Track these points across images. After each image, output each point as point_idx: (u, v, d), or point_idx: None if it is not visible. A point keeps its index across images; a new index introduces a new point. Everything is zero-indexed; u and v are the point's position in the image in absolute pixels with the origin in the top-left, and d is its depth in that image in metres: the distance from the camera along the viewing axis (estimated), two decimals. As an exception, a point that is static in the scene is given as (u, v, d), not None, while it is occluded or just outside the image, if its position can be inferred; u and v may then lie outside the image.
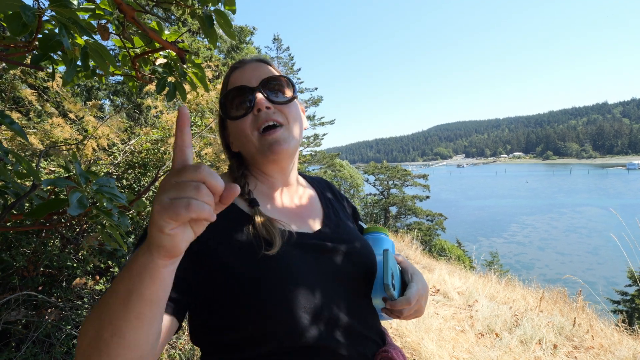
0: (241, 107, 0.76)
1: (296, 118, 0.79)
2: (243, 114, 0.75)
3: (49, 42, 0.87)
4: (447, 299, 4.72)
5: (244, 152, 0.81)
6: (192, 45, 6.92)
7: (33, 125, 2.80)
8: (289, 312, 0.62)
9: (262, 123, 0.74)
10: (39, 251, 1.94)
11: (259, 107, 0.74)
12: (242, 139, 0.77)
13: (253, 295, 0.62)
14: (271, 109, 0.75)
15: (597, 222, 39.11)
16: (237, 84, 0.78)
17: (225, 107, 0.78)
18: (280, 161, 0.77)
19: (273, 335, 0.62)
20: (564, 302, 4.61)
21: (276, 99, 0.76)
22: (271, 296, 0.62)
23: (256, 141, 0.75)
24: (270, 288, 0.63)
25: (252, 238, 0.67)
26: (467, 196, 72.10)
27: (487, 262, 18.66)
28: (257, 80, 0.77)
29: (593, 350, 3.11)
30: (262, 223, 0.68)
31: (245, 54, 12.73)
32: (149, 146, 2.90)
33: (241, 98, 0.76)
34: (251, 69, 0.79)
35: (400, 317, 0.74)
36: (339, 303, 0.69)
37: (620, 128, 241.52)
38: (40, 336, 1.83)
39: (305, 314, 0.63)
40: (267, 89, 0.76)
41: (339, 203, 0.95)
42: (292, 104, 0.79)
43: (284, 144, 0.74)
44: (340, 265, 0.73)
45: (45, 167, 2.33)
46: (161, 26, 1.39)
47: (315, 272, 0.68)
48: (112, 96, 8.30)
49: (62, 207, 0.90)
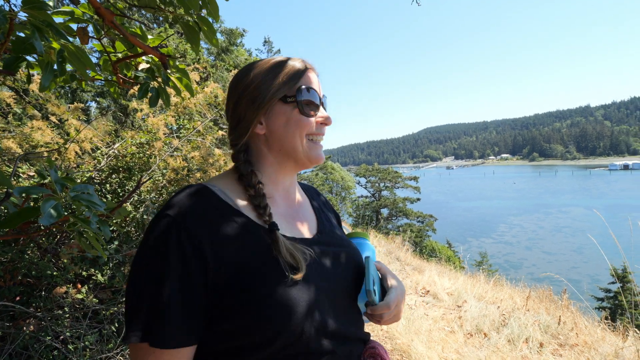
0: (313, 108, 0.77)
1: None
2: (311, 115, 0.77)
3: (22, 45, 0.84)
4: (437, 300, 4.75)
5: (278, 140, 0.76)
6: (179, 47, 6.84)
7: (12, 128, 2.73)
8: (295, 317, 0.63)
9: (318, 134, 0.79)
10: (17, 260, 1.87)
11: (326, 121, 0.79)
12: (295, 131, 0.75)
13: (264, 303, 0.62)
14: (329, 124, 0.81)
15: (582, 222, 39.98)
16: (313, 84, 0.78)
17: (301, 96, 0.75)
18: (307, 167, 0.81)
19: (278, 339, 0.63)
20: (550, 301, 4.70)
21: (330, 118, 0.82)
22: (282, 303, 0.63)
23: (305, 144, 0.76)
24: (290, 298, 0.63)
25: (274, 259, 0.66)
26: (456, 197, 72.94)
27: (477, 262, 18.89)
28: (321, 92, 0.80)
29: (577, 347, 3.16)
30: (287, 249, 0.67)
31: (235, 57, 12.66)
32: (134, 150, 2.85)
33: (314, 100, 0.77)
34: (317, 76, 0.82)
35: (380, 322, 0.77)
36: (337, 306, 0.72)
37: (602, 130, 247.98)
38: (18, 348, 1.77)
39: (309, 317, 0.65)
40: (325, 105, 0.82)
41: (328, 210, 0.97)
42: None
43: (322, 157, 0.80)
44: (337, 270, 0.76)
45: (24, 172, 2.27)
46: (144, 31, 1.37)
47: (317, 277, 0.70)
48: (97, 98, 8.15)
49: (36, 216, 0.87)
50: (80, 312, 2.06)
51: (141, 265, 0.62)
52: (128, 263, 2.37)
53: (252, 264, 0.64)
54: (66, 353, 1.87)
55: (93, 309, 2.10)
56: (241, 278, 0.63)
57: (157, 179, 2.88)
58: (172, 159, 2.97)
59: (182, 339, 0.59)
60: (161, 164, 2.91)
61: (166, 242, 0.61)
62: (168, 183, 2.90)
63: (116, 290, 2.31)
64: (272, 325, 0.62)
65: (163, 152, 2.92)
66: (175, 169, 2.89)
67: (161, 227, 0.63)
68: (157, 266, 0.60)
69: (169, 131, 3.23)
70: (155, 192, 2.86)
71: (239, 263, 0.64)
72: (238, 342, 0.63)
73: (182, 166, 2.91)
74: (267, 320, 0.62)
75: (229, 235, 0.65)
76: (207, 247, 0.62)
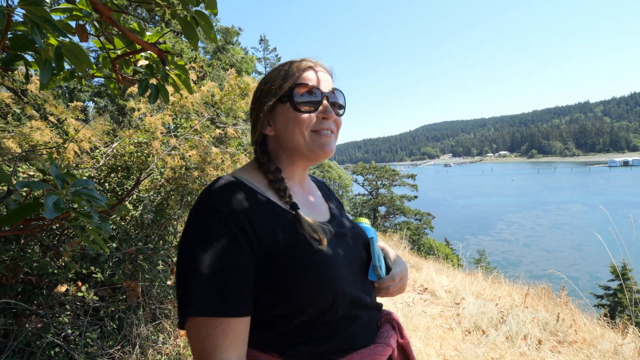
0: (309, 104, 0.81)
1: (339, 129, 0.89)
2: (310, 111, 0.81)
3: (20, 42, 0.85)
4: (435, 297, 4.77)
5: (284, 139, 0.84)
6: (175, 46, 6.83)
7: (11, 128, 2.73)
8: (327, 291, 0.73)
9: (322, 128, 0.82)
10: (18, 258, 1.88)
11: (327, 115, 0.82)
12: (294, 128, 0.81)
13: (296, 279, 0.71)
14: (332, 117, 0.84)
15: (581, 219, 40.10)
16: (310, 81, 0.83)
17: (293, 95, 0.81)
18: (316, 160, 0.85)
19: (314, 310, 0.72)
20: (549, 298, 4.71)
21: (337, 111, 0.86)
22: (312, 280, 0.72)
23: (308, 137, 0.81)
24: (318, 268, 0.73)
25: (301, 236, 0.75)
26: (454, 195, 73.02)
27: (475, 259, 18.94)
28: (326, 87, 0.84)
29: (576, 344, 3.18)
30: (309, 225, 0.76)
31: (231, 55, 12.64)
32: (132, 149, 2.85)
33: (312, 96, 0.82)
34: (323, 73, 0.86)
35: (386, 294, 0.91)
36: (355, 280, 0.82)
37: (601, 126, 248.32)
38: (20, 345, 1.78)
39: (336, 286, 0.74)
40: (333, 98, 0.85)
41: (334, 199, 1.07)
42: (341, 118, 0.89)
43: (330, 147, 0.83)
44: (351, 249, 0.85)
45: (23, 172, 2.27)
46: (142, 27, 1.37)
47: (339, 255, 0.79)
48: (95, 98, 8.14)
49: (39, 211, 0.88)
50: (81, 310, 2.07)
51: (196, 248, 0.68)
52: (128, 261, 2.38)
53: (283, 242, 0.72)
54: (68, 350, 1.88)
55: (94, 307, 2.11)
56: (276, 255, 0.71)
57: (156, 178, 2.89)
58: (170, 157, 2.97)
59: (241, 309, 0.66)
60: (159, 163, 2.91)
61: (216, 226, 0.68)
62: (166, 182, 2.90)
63: (116, 288, 2.31)
64: (305, 294, 0.71)
65: (161, 151, 2.92)
66: (173, 167, 2.89)
67: (208, 215, 0.70)
68: (214, 246, 0.67)
69: (166, 130, 3.23)
70: (153, 191, 2.86)
71: (273, 242, 0.72)
72: (275, 312, 0.72)
73: (180, 165, 2.91)
74: (300, 290, 0.71)
75: (262, 218, 0.73)
76: (248, 228, 0.70)
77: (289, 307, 0.71)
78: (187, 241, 0.70)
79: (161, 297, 2.58)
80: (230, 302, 0.65)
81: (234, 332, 0.65)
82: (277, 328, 0.73)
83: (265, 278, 0.70)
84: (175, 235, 2.97)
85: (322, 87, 0.83)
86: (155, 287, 2.51)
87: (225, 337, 0.64)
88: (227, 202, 0.71)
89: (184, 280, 0.67)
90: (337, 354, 0.75)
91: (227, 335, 0.64)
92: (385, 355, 0.81)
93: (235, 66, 11.89)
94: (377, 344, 0.81)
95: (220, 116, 3.85)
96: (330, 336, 0.75)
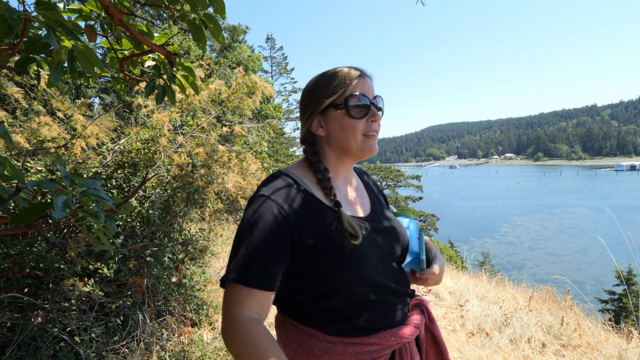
0: (361, 111, 0.92)
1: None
2: (361, 117, 0.92)
3: (35, 45, 0.86)
4: (439, 298, 4.76)
5: (337, 142, 0.95)
6: (183, 44, 6.86)
7: (19, 124, 2.76)
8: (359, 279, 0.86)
9: (371, 131, 0.94)
10: (25, 253, 1.91)
11: (375, 119, 0.94)
12: (348, 133, 0.93)
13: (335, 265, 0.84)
14: (378, 121, 0.95)
15: (587, 223, 39.70)
16: (361, 90, 0.93)
17: (347, 103, 0.92)
18: (364, 158, 0.97)
19: (346, 294, 0.86)
20: (553, 302, 4.68)
21: (380, 115, 0.97)
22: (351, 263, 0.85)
23: (360, 140, 0.93)
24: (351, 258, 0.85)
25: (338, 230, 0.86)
26: (459, 197, 72.64)
27: (479, 262, 18.84)
28: (371, 94, 0.94)
29: (580, 348, 3.16)
30: (348, 222, 0.87)
31: (238, 53, 12.67)
32: (139, 146, 2.88)
33: (362, 103, 0.92)
34: (369, 81, 0.97)
35: (424, 283, 1.00)
36: (386, 270, 0.92)
37: (608, 130, 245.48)
38: (26, 339, 1.81)
39: (371, 276, 0.87)
40: (377, 103, 0.95)
41: (377, 189, 1.17)
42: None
43: (376, 147, 0.96)
44: (388, 241, 0.95)
45: (32, 167, 2.30)
46: (150, 28, 1.39)
47: (374, 247, 0.90)
48: (101, 94, 8.20)
49: (48, 210, 0.89)
50: (87, 305, 2.09)
51: (245, 230, 0.83)
52: (133, 257, 2.40)
53: (323, 234, 0.85)
54: (73, 345, 1.90)
55: (99, 302, 2.14)
56: (315, 244, 0.84)
57: (162, 175, 2.91)
58: (177, 155, 3.00)
59: (267, 283, 0.79)
60: (166, 160, 2.93)
61: (264, 214, 0.82)
62: (173, 179, 2.92)
63: (122, 284, 2.34)
64: (338, 280, 0.85)
65: (168, 148, 2.95)
66: (180, 165, 2.91)
67: (260, 204, 0.84)
68: (258, 230, 0.81)
69: (173, 128, 3.26)
70: (160, 188, 2.89)
71: (314, 233, 0.84)
72: (316, 293, 0.86)
73: (186, 162, 2.93)
74: (334, 275, 0.84)
75: (306, 212, 0.86)
76: (293, 219, 0.83)
77: (327, 289, 0.85)
78: (242, 223, 0.84)
79: (166, 293, 2.61)
80: (259, 277, 0.78)
81: (257, 301, 0.78)
82: (318, 306, 0.86)
83: (307, 263, 0.84)
84: (181, 232, 2.99)
85: (369, 94, 0.93)
86: (160, 284, 2.54)
87: (249, 299, 0.78)
88: (278, 197, 0.84)
89: (233, 250, 0.83)
90: (369, 331, 0.87)
91: (251, 304, 0.78)
92: (412, 335, 0.93)
93: (241, 64, 11.92)
94: (406, 326, 0.93)
95: (226, 114, 3.87)
96: (362, 316, 0.87)
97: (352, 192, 1.02)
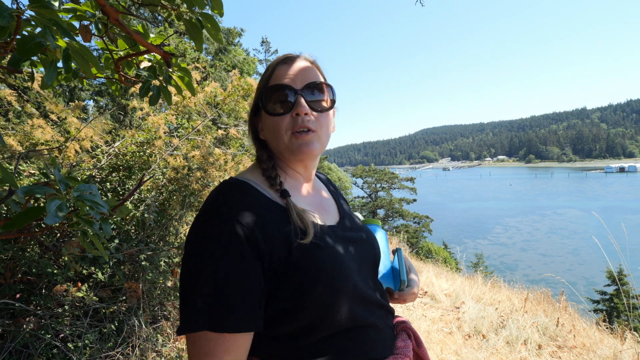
0: (282, 105, 0.77)
1: (328, 125, 0.82)
2: (282, 113, 0.77)
3: (28, 44, 0.84)
4: (435, 301, 4.76)
5: (272, 145, 0.82)
6: (179, 47, 6.83)
7: (12, 126, 2.71)
8: (343, 298, 0.71)
9: (298, 127, 0.77)
10: (17, 257, 1.86)
11: (299, 112, 0.76)
12: (274, 133, 0.79)
13: (311, 286, 0.68)
14: (309, 115, 0.77)
15: (577, 224, 40.18)
16: (281, 80, 0.78)
17: (264, 100, 0.79)
18: (304, 160, 0.82)
19: (330, 320, 0.70)
20: (548, 303, 4.71)
21: (315, 107, 0.79)
22: (327, 285, 0.69)
23: (287, 140, 0.77)
24: (326, 278, 0.69)
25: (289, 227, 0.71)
26: (453, 199, 73.09)
27: (473, 263, 18.94)
28: (302, 82, 0.78)
29: (576, 349, 3.18)
30: (297, 214, 0.73)
31: (233, 56, 12.64)
32: (134, 148, 2.84)
33: (283, 96, 0.77)
34: (298, 67, 0.80)
35: (402, 302, 0.93)
36: (368, 284, 0.80)
37: (598, 133, 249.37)
38: (18, 346, 1.76)
39: (353, 297, 0.73)
40: (309, 94, 0.78)
41: (340, 196, 1.02)
42: (327, 113, 0.82)
43: (311, 146, 0.77)
44: (362, 252, 0.82)
45: (25, 170, 2.25)
46: (146, 29, 1.37)
47: (352, 259, 0.77)
48: (95, 97, 8.11)
49: (42, 215, 0.87)
50: (81, 311, 2.05)
51: (199, 259, 0.64)
52: (128, 262, 2.37)
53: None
54: (66, 351, 1.86)
55: (93, 308, 2.10)
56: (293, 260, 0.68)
57: (158, 178, 2.88)
58: (172, 158, 2.96)
59: (245, 324, 0.63)
60: (161, 163, 2.90)
61: (221, 238, 0.64)
62: (168, 182, 2.89)
63: (116, 289, 2.30)
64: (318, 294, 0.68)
65: (163, 151, 2.91)
66: (176, 168, 2.88)
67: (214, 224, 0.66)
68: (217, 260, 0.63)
69: (168, 130, 3.22)
70: (155, 191, 2.85)
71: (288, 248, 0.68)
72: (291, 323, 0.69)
73: (182, 165, 2.90)
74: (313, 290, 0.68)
75: (273, 225, 0.69)
76: (259, 239, 0.66)
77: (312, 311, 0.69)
78: (194, 248, 0.66)
79: (161, 298, 2.57)
80: (234, 318, 0.62)
81: (235, 347, 0.63)
82: (299, 339, 0.70)
83: (284, 281, 0.68)
84: (177, 236, 2.96)
85: (294, 84, 0.77)
86: (156, 289, 2.50)
87: (226, 354, 0.62)
88: (235, 211, 0.67)
89: (188, 289, 0.64)
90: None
91: (228, 351, 0.62)
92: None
93: (237, 67, 11.89)
94: (396, 356, 0.80)
95: (222, 117, 3.84)
96: (347, 348, 0.72)
97: (317, 198, 0.89)
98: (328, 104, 0.81)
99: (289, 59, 0.82)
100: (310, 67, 0.82)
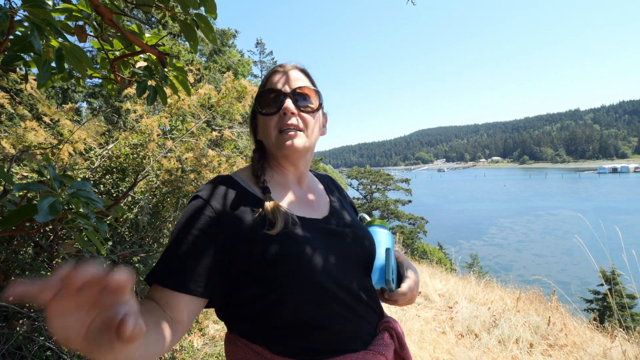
0: (272, 107, 0.88)
1: (314, 126, 0.91)
2: (271, 113, 0.87)
3: (21, 43, 0.85)
4: (428, 301, 4.79)
5: (265, 144, 0.93)
6: (173, 49, 6.82)
7: (4, 129, 2.69)
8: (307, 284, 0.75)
9: (284, 125, 0.86)
10: (11, 260, 1.85)
11: (285, 111, 0.86)
12: (265, 131, 0.89)
13: (272, 270, 0.75)
14: (296, 115, 0.87)
15: (571, 224, 40.51)
16: (274, 86, 0.89)
17: (259, 102, 0.90)
18: (289, 156, 0.90)
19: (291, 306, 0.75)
20: (540, 302, 4.76)
21: (302, 108, 0.89)
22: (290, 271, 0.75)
23: (274, 137, 0.87)
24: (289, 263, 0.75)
25: (259, 219, 0.79)
26: (448, 200, 73.41)
27: (468, 264, 19.03)
28: (291, 87, 0.89)
29: (566, 347, 3.22)
30: (270, 207, 0.80)
31: (227, 58, 12.64)
32: (127, 151, 2.84)
33: (274, 99, 0.88)
34: (289, 74, 0.91)
35: (394, 303, 0.93)
36: (347, 278, 0.82)
37: (591, 134, 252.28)
38: (11, 349, 1.75)
39: (321, 286, 0.76)
40: (297, 97, 0.88)
41: (342, 196, 1.09)
42: (314, 114, 0.91)
43: (295, 143, 0.86)
44: (347, 247, 0.87)
45: (17, 173, 2.24)
46: (141, 29, 1.38)
47: (326, 251, 0.81)
48: (89, 99, 8.06)
49: (36, 213, 0.87)
50: (73, 313, 2.03)
51: (174, 230, 0.79)
52: (122, 264, 2.36)
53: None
54: (59, 353, 1.85)
55: (86, 309, 2.08)
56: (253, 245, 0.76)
57: (151, 180, 2.87)
58: (166, 160, 2.96)
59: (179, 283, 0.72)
60: (155, 165, 2.90)
61: (191, 215, 0.77)
62: (162, 184, 2.89)
63: (109, 291, 2.29)
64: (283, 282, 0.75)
65: (157, 153, 2.91)
66: (169, 170, 2.88)
67: (190, 204, 0.81)
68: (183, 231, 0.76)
69: (162, 132, 3.22)
70: (149, 193, 2.85)
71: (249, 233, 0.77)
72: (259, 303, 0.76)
73: (176, 167, 2.90)
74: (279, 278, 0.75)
75: (240, 210, 0.79)
76: (223, 220, 0.77)
77: (275, 295, 0.75)
78: (177, 223, 0.80)
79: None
80: (176, 278, 0.72)
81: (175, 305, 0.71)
82: (266, 319, 0.76)
83: (250, 266, 0.75)
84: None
85: (284, 88, 0.88)
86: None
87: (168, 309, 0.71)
88: (209, 196, 0.80)
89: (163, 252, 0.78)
90: (323, 354, 0.75)
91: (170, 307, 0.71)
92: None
93: (231, 69, 11.88)
94: (368, 351, 0.78)
95: (216, 119, 3.85)
96: (315, 334, 0.76)
97: (305, 194, 0.95)
98: (315, 107, 0.91)
99: (282, 66, 0.93)
100: (300, 74, 0.92)
